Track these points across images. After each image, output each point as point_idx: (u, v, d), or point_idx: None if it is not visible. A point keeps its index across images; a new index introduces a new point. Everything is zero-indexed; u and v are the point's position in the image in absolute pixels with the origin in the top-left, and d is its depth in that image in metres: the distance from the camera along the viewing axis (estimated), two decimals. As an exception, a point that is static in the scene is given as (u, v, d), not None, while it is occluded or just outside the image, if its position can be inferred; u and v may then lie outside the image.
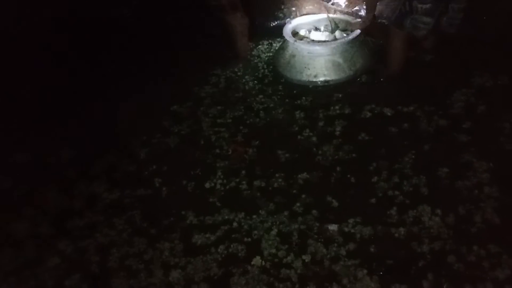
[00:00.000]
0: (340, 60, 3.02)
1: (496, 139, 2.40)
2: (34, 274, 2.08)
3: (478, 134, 2.45)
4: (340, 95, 2.93)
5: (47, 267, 2.11)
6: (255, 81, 3.17)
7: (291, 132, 2.68)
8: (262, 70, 3.27)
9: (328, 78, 3.03)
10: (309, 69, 3.05)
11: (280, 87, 3.08)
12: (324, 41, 3.19)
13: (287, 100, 2.95)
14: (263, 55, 3.43)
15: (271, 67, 3.28)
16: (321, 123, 2.70)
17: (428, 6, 2.54)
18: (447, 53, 3.02)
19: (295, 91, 3.03)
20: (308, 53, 3.05)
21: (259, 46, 3.52)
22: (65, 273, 2.07)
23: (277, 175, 2.40)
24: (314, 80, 3.04)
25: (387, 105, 2.73)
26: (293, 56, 3.11)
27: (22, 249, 2.20)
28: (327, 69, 3.03)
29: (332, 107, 2.81)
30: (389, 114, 2.69)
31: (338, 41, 3.06)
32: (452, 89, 2.76)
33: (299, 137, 2.64)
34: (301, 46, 3.07)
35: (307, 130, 2.67)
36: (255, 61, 3.38)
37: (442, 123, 2.56)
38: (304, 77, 3.06)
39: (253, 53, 3.45)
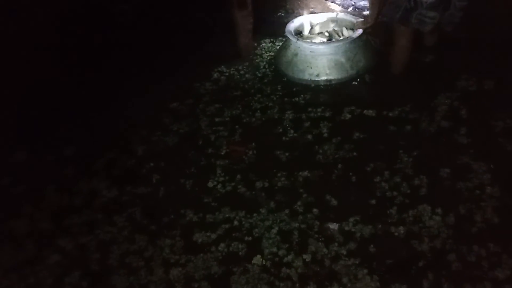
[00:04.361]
0: (343, 60, 3.01)
1: (495, 140, 2.40)
2: (34, 271, 2.08)
3: (476, 135, 2.45)
4: (342, 95, 2.92)
5: (47, 264, 2.11)
6: (256, 80, 3.16)
7: (291, 131, 2.67)
8: (263, 69, 3.25)
9: (330, 78, 3.02)
10: (311, 68, 3.04)
11: (281, 87, 3.07)
12: (327, 40, 3.18)
13: (286, 99, 2.94)
14: (265, 54, 3.42)
15: (273, 66, 3.27)
16: (321, 123, 2.70)
17: (433, 0, 2.54)
18: (449, 53, 3.02)
19: (296, 90, 3.02)
20: (310, 52, 3.04)
21: (262, 45, 3.51)
22: (65, 270, 2.07)
23: (279, 174, 2.40)
24: (316, 79, 3.03)
25: (388, 105, 2.73)
26: (296, 55, 3.11)
27: (22, 246, 2.19)
28: (329, 68, 3.02)
29: (333, 107, 2.80)
30: (390, 114, 2.68)
31: (341, 40, 3.06)
32: (453, 89, 2.76)
33: (299, 136, 2.63)
34: (304, 45, 3.06)
35: (307, 129, 2.66)
36: (257, 59, 3.37)
37: (443, 124, 2.55)
38: (306, 76, 3.05)
39: (256, 51, 3.44)
